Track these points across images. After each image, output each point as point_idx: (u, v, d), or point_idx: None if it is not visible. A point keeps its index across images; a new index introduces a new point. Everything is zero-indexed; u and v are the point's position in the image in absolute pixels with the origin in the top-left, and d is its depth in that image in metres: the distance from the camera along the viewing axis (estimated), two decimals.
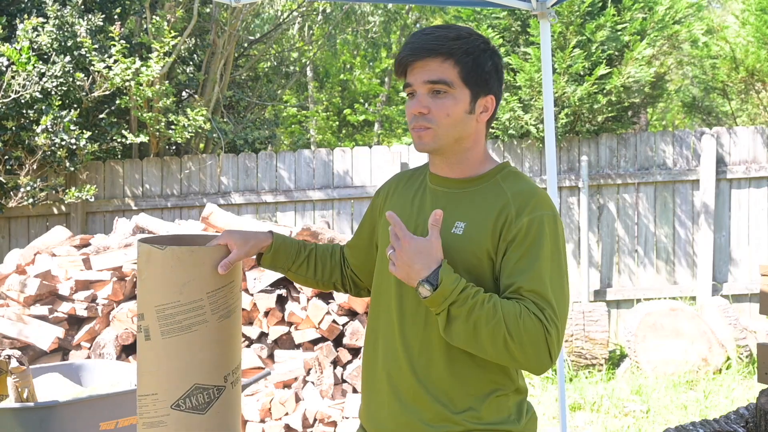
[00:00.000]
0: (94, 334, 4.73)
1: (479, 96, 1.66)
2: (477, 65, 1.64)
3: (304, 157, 6.82)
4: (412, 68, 1.65)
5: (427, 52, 1.62)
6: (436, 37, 1.63)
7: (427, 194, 1.74)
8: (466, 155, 1.70)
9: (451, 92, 1.63)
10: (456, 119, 1.64)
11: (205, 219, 5.08)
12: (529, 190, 1.65)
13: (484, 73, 1.65)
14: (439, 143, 1.65)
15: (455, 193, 1.70)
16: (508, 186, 1.66)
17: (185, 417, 1.78)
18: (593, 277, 6.59)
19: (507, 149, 6.70)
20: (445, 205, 1.68)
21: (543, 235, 1.59)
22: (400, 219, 1.64)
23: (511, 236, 1.59)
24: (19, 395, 2.63)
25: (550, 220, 1.61)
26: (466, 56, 1.63)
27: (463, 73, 1.63)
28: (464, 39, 1.64)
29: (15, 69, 5.88)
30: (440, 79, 1.62)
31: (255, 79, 9.48)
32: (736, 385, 5.38)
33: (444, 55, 1.62)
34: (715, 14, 9.80)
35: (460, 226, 1.64)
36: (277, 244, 1.91)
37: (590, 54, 6.49)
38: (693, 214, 6.61)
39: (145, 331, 1.78)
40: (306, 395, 4.43)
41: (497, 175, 1.70)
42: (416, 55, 1.63)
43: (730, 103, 8.38)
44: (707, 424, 3.32)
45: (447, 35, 1.63)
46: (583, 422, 4.88)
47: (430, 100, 1.63)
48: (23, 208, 6.55)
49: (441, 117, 1.63)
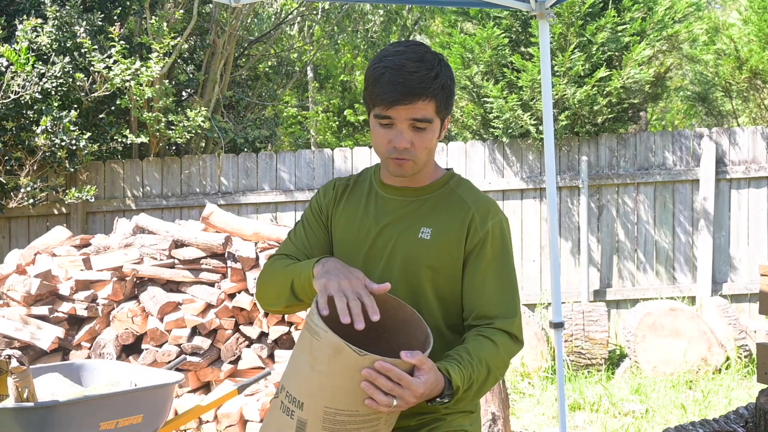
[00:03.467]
0: (94, 334, 4.73)
1: (445, 119, 1.79)
2: (448, 97, 1.75)
3: (304, 157, 6.83)
4: (396, 108, 1.69)
5: (416, 96, 1.68)
6: (420, 79, 1.68)
7: (383, 202, 1.85)
8: (426, 169, 1.84)
9: (430, 127, 1.74)
10: (432, 148, 1.78)
11: (206, 219, 5.08)
12: (485, 198, 1.86)
13: (452, 100, 1.78)
14: (416, 170, 1.79)
15: (415, 201, 1.83)
16: (465, 195, 1.84)
17: None
18: (593, 277, 6.59)
19: (508, 149, 6.71)
20: (407, 214, 1.82)
21: (502, 242, 1.81)
22: (356, 225, 1.82)
23: (477, 241, 1.78)
24: (19, 395, 2.63)
25: (505, 224, 1.84)
26: (441, 91, 1.72)
27: (438, 106, 1.74)
28: (441, 75, 1.72)
29: (14, 69, 5.89)
30: (424, 118, 1.71)
31: (255, 79, 9.48)
32: (736, 385, 5.38)
33: (429, 97, 1.70)
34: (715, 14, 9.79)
35: (427, 231, 1.79)
36: None
37: (590, 56, 6.49)
38: (693, 214, 6.62)
39: (299, 423, 1.59)
40: None
41: (449, 182, 1.86)
42: (406, 99, 1.68)
43: (732, 102, 8.38)
44: (707, 424, 3.32)
45: (429, 75, 1.69)
46: (583, 422, 4.89)
47: (413, 134, 1.72)
48: (23, 209, 6.55)
49: (421, 150, 1.75)
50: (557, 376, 3.60)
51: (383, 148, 1.75)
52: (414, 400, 1.53)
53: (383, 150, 1.75)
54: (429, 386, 1.54)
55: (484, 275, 1.78)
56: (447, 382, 1.59)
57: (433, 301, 1.80)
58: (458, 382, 1.61)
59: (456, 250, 1.78)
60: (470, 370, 1.65)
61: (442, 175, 1.87)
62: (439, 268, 1.78)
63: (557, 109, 6.48)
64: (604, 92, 6.47)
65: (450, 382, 1.60)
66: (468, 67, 6.85)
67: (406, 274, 1.79)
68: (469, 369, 1.64)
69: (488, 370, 1.70)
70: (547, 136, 3.60)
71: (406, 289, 1.79)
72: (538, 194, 6.65)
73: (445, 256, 1.78)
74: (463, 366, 1.64)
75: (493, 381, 1.74)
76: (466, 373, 1.64)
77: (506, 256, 1.81)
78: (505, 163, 6.72)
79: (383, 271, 1.81)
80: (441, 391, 1.58)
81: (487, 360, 1.69)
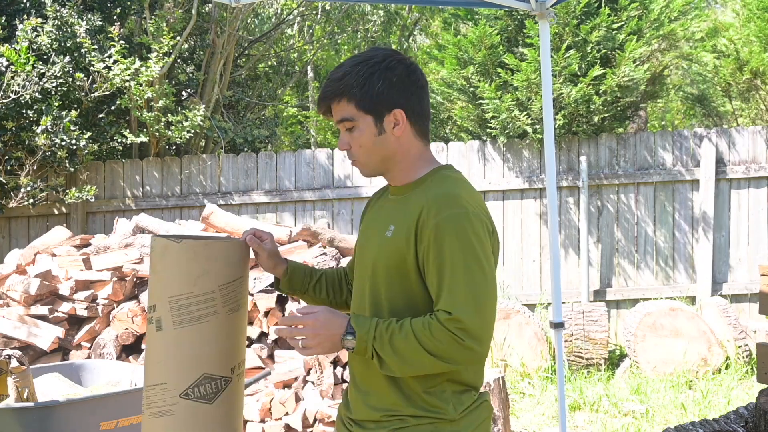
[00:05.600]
0: (94, 334, 4.73)
1: (383, 116, 1.79)
2: (366, 92, 1.77)
3: (304, 157, 6.83)
4: (326, 115, 1.85)
5: (325, 100, 1.81)
6: (328, 83, 1.80)
7: (384, 203, 1.91)
8: (400, 167, 1.85)
9: (356, 125, 1.80)
10: (368, 145, 1.80)
11: (206, 219, 5.08)
12: (445, 192, 1.75)
13: (376, 95, 1.78)
14: (369, 169, 1.85)
15: (396, 199, 1.86)
16: (431, 188, 1.78)
17: (193, 406, 1.82)
18: (593, 277, 6.59)
19: (507, 149, 6.71)
20: (385, 212, 1.87)
21: (450, 237, 1.69)
22: (363, 230, 1.88)
23: (425, 239, 1.72)
24: (19, 395, 2.63)
25: (459, 218, 1.70)
26: (353, 89, 1.78)
27: (359, 104, 1.78)
28: (349, 74, 1.78)
29: (14, 69, 5.89)
30: (343, 117, 1.80)
31: (255, 79, 9.48)
32: (736, 385, 5.38)
33: (338, 96, 1.79)
34: (715, 14, 9.79)
35: (391, 228, 1.79)
36: (293, 266, 2.07)
37: (585, 55, 6.49)
38: (693, 214, 6.62)
39: (156, 322, 1.84)
40: (306, 395, 4.44)
41: (429, 179, 1.83)
42: (320, 104, 1.84)
43: (731, 102, 8.38)
44: (707, 424, 3.33)
45: (335, 77, 1.79)
46: (583, 422, 4.89)
47: (348, 136, 1.82)
48: (23, 209, 6.55)
49: (356, 149, 1.82)
50: (557, 376, 3.61)
51: None
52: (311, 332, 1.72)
53: None
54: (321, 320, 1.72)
55: (432, 273, 1.70)
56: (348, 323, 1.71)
57: (385, 303, 1.78)
58: (357, 325, 1.70)
59: (406, 245, 1.73)
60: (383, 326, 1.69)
61: (427, 172, 1.85)
62: (392, 266, 1.76)
63: (554, 108, 6.48)
64: (599, 91, 6.47)
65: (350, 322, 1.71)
66: (464, 68, 6.85)
67: (372, 273, 1.82)
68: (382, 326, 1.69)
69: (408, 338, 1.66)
70: (547, 136, 3.60)
71: (371, 289, 1.82)
72: (538, 194, 6.65)
73: (397, 253, 1.75)
74: (373, 322, 1.71)
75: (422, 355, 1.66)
76: (374, 323, 1.70)
77: (462, 251, 1.68)
78: (505, 163, 6.72)
79: (360, 271, 1.87)
80: (344, 329, 1.71)
81: (410, 328, 1.67)
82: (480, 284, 1.68)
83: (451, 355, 1.66)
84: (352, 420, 1.86)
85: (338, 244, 5.32)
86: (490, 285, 1.71)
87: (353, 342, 1.70)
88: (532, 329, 5.72)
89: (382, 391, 1.78)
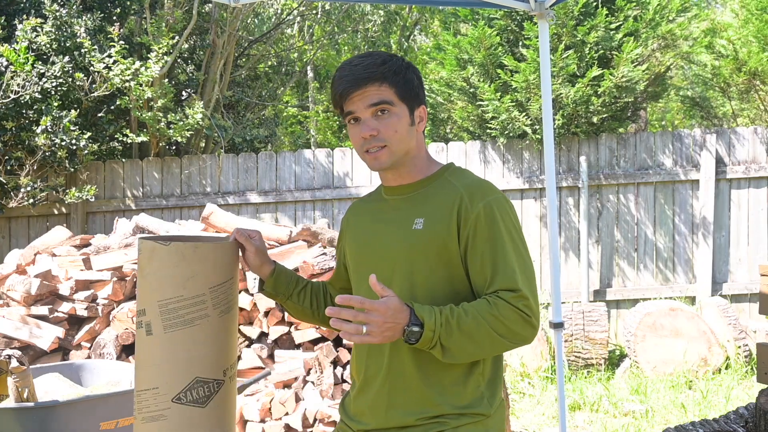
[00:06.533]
0: (94, 334, 4.73)
1: (414, 108, 1.83)
2: (407, 82, 1.80)
3: (304, 157, 6.83)
4: (351, 99, 1.78)
5: (364, 80, 1.76)
6: (365, 66, 1.77)
7: (383, 205, 1.90)
8: (414, 162, 1.86)
9: (393, 110, 1.78)
10: (403, 133, 1.80)
11: (206, 219, 5.08)
12: (477, 181, 1.82)
13: (414, 87, 1.82)
14: (393, 158, 1.81)
15: (410, 196, 1.85)
16: (457, 180, 1.82)
17: (186, 410, 1.81)
18: (593, 277, 6.59)
19: (507, 149, 6.71)
20: (403, 208, 1.83)
21: (497, 220, 1.74)
22: (361, 233, 1.86)
23: (470, 224, 1.73)
24: (19, 395, 2.63)
25: (501, 202, 1.77)
26: (395, 76, 1.78)
27: (399, 91, 1.79)
28: (390, 62, 1.79)
29: (14, 69, 5.89)
30: (382, 100, 1.77)
31: (255, 79, 9.48)
32: (736, 385, 5.38)
33: (379, 80, 1.77)
34: (715, 13, 9.78)
35: (420, 222, 1.78)
36: (279, 269, 2.05)
37: (583, 55, 6.50)
38: (693, 214, 6.62)
39: (146, 326, 1.82)
40: (306, 395, 4.43)
41: (445, 174, 1.86)
42: (355, 86, 1.77)
43: (730, 103, 8.38)
44: (707, 424, 3.33)
45: (374, 62, 1.78)
46: (583, 422, 4.89)
47: (376, 122, 1.78)
48: (23, 209, 6.55)
49: (390, 134, 1.78)
50: (557, 376, 3.60)
51: (358, 145, 1.82)
52: (381, 320, 1.58)
53: (358, 147, 1.82)
54: (393, 308, 1.60)
55: (483, 255, 1.72)
56: (412, 313, 1.63)
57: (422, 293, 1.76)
58: (423, 314, 1.62)
59: (448, 234, 1.74)
60: (447, 312, 1.64)
61: (438, 169, 1.88)
62: (432, 255, 1.75)
63: (553, 109, 6.48)
64: (598, 92, 6.48)
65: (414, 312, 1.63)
66: (464, 69, 6.86)
67: (401, 266, 1.78)
68: (446, 312, 1.64)
69: (478, 320, 1.64)
70: (547, 136, 3.60)
71: (401, 282, 1.78)
72: (538, 194, 6.65)
73: (437, 242, 1.75)
74: (435, 310, 1.65)
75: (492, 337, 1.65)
76: (437, 312, 1.64)
77: (509, 233, 1.74)
78: (504, 163, 6.72)
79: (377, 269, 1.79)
80: (407, 320, 1.61)
81: (475, 311, 1.65)
82: (528, 264, 1.75)
83: (519, 332, 1.67)
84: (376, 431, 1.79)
85: None
86: (532, 265, 1.78)
87: (418, 333, 1.62)
88: None
89: (412, 389, 1.74)
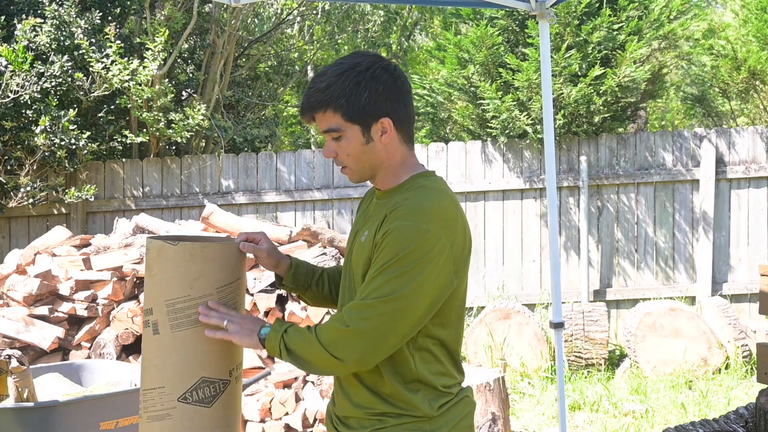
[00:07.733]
0: (94, 334, 4.73)
1: (370, 125, 1.77)
2: (352, 103, 1.75)
3: (304, 157, 6.83)
4: (310, 124, 1.90)
5: (309, 110, 1.79)
6: (312, 93, 1.78)
7: (372, 204, 1.91)
8: (384, 173, 1.84)
9: (343, 134, 1.78)
10: (357, 154, 1.79)
11: (206, 219, 5.08)
12: (410, 202, 1.72)
13: (363, 105, 1.75)
14: (358, 176, 1.83)
15: (378, 203, 1.86)
16: (401, 196, 1.78)
17: (191, 410, 1.82)
18: (593, 277, 6.59)
19: (507, 149, 6.71)
20: (368, 216, 1.87)
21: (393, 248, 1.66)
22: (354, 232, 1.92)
23: (378, 242, 1.72)
24: (19, 395, 2.63)
25: (404, 230, 1.67)
26: (339, 99, 1.74)
27: (346, 114, 1.76)
28: (336, 84, 1.75)
29: (13, 69, 5.88)
30: (329, 128, 1.78)
31: (255, 79, 9.48)
32: (736, 385, 5.38)
33: (323, 107, 1.76)
34: (716, 13, 9.79)
35: (365, 234, 1.79)
36: (296, 262, 2.08)
37: (586, 55, 6.50)
38: (693, 214, 6.62)
39: (153, 325, 1.83)
40: (306, 395, 4.44)
41: (406, 186, 1.82)
42: (304, 114, 1.81)
43: (730, 103, 8.38)
44: (707, 424, 3.33)
45: (319, 87, 1.76)
46: (583, 422, 4.89)
47: (335, 144, 1.80)
48: (23, 209, 6.55)
49: (344, 157, 1.80)
50: (557, 376, 3.61)
51: None
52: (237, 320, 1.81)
53: None
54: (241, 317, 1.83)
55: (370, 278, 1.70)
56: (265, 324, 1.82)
57: None
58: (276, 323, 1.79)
59: (371, 251, 1.74)
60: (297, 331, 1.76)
61: (406, 179, 1.83)
62: (363, 273, 1.75)
63: (554, 108, 6.48)
64: (600, 91, 6.48)
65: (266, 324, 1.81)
66: (465, 68, 6.85)
67: (349, 277, 1.85)
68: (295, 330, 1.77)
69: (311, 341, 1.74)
70: (547, 136, 3.60)
71: (349, 293, 1.83)
72: (538, 194, 6.65)
73: (368, 257, 1.74)
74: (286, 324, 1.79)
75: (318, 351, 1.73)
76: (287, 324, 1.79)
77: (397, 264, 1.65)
78: (505, 163, 6.72)
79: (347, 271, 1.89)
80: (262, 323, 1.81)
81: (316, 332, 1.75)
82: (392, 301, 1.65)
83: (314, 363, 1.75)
84: (338, 417, 1.88)
85: (338, 244, 5.32)
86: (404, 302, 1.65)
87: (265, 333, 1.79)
88: (532, 329, 5.72)
89: (359, 390, 1.79)
